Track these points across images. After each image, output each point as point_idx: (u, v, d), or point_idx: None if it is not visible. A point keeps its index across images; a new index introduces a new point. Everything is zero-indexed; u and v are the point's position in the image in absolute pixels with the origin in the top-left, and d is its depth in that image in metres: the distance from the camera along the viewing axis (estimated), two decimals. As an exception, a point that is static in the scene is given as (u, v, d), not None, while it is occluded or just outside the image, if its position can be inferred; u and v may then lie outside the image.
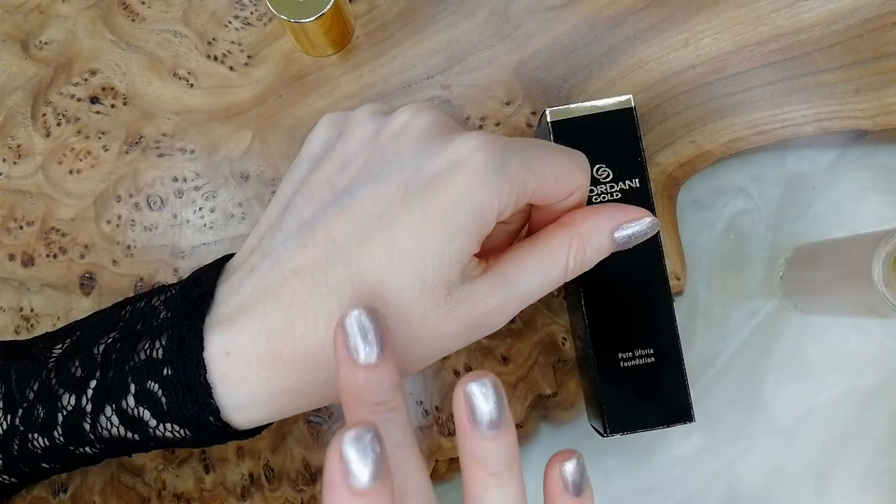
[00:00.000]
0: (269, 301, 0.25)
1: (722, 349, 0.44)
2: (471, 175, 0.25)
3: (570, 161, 0.27)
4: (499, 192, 0.25)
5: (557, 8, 0.42)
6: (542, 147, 0.27)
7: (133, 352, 0.27)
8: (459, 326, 0.26)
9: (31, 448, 0.28)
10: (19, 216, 0.42)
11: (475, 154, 0.25)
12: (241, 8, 0.43)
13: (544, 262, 0.27)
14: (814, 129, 0.41)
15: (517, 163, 0.25)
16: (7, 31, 0.43)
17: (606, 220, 0.28)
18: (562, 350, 0.41)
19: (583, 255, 0.28)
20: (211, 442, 0.28)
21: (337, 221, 0.25)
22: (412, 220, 0.24)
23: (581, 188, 0.28)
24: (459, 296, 0.25)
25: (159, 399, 0.26)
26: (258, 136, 0.42)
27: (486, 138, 0.25)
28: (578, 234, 0.28)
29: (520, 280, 0.27)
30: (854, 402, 0.43)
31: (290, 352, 0.25)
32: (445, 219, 0.24)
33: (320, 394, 0.26)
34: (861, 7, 0.41)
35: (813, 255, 0.41)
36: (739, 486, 0.43)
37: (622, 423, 0.36)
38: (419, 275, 0.25)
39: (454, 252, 0.25)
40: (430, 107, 0.27)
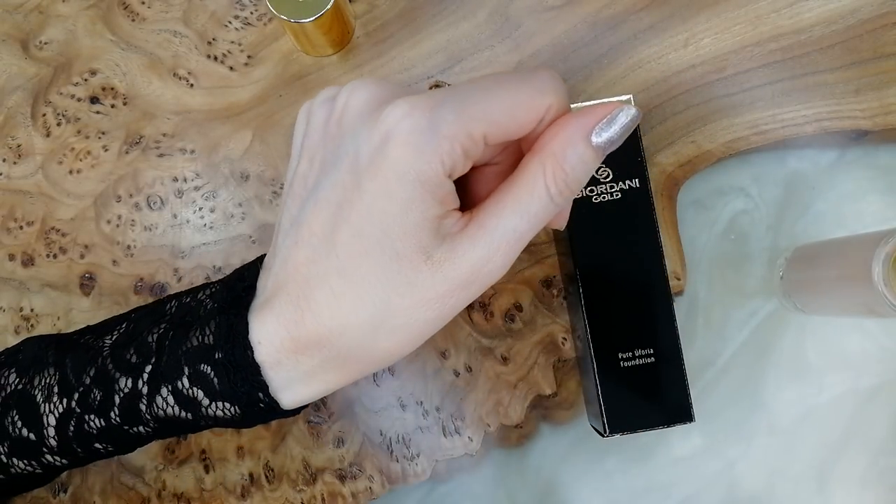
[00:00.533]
0: (281, 295, 0.27)
1: (722, 349, 0.44)
2: (401, 145, 0.24)
3: (524, 89, 0.26)
4: (437, 153, 0.24)
5: (557, 8, 0.42)
6: (488, 84, 0.26)
7: (185, 339, 0.29)
8: (451, 284, 0.26)
9: (87, 429, 0.30)
10: (19, 216, 0.42)
11: (401, 122, 0.24)
12: (241, 8, 0.43)
13: (521, 196, 0.26)
14: (814, 129, 0.41)
15: (451, 117, 0.24)
16: (7, 31, 0.43)
17: (575, 129, 0.26)
18: (562, 350, 0.41)
19: (563, 174, 0.26)
20: (259, 420, 0.29)
21: (313, 216, 0.27)
22: (364, 204, 0.25)
23: (551, 109, 0.26)
24: (441, 256, 0.26)
25: (212, 380, 0.28)
26: (258, 136, 0.42)
27: (413, 102, 0.25)
28: (550, 154, 0.26)
29: (500, 224, 0.26)
30: (854, 402, 0.43)
31: (306, 337, 0.27)
32: (393, 194, 0.25)
33: (349, 367, 0.28)
34: (861, 7, 0.41)
35: (813, 256, 0.41)
36: (739, 487, 0.43)
37: (622, 423, 0.36)
38: (390, 250, 0.25)
39: (414, 221, 0.25)
40: (368, 80, 0.27)
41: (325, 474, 0.41)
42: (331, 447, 0.41)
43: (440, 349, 0.41)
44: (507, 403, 0.41)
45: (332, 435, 0.41)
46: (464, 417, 0.41)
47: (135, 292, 0.41)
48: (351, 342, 0.27)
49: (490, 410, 0.41)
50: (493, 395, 0.41)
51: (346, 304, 0.26)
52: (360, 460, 0.41)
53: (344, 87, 0.27)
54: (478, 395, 0.41)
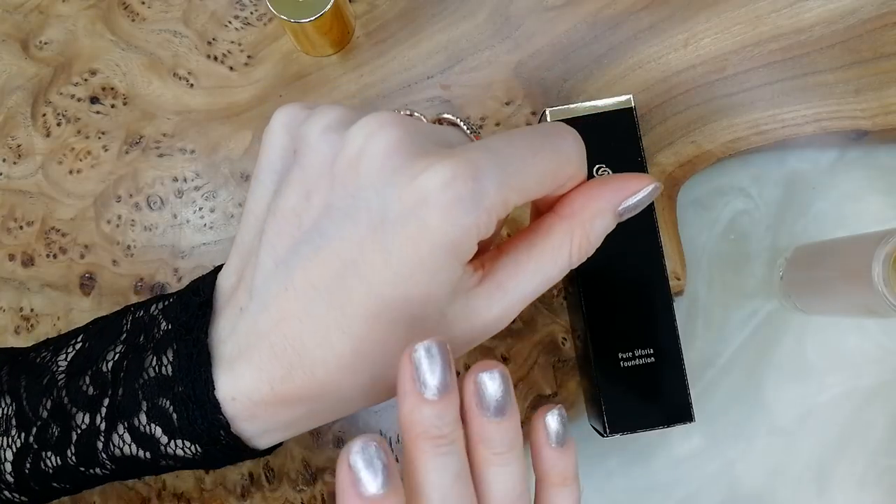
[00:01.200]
0: (264, 348, 0.25)
1: (722, 349, 0.44)
2: (442, 215, 0.23)
3: (556, 158, 0.25)
4: (475, 224, 0.23)
5: (557, 8, 0.42)
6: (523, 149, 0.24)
7: (141, 368, 0.27)
8: (458, 342, 0.25)
9: (44, 467, 0.28)
10: (19, 216, 0.42)
11: (445, 192, 0.22)
12: (241, 8, 0.43)
13: (544, 261, 0.26)
14: (814, 129, 0.41)
15: (493, 188, 0.23)
16: (7, 31, 0.43)
17: (607, 202, 0.26)
18: (562, 350, 0.41)
19: (587, 244, 0.26)
20: (222, 460, 0.28)
21: (311, 265, 0.24)
22: (388, 267, 0.23)
23: (573, 178, 0.26)
24: (455, 314, 0.25)
25: (171, 415, 0.26)
26: (258, 136, 0.42)
27: (455, 169, 0.23)
28: (580, 224, 0.26)
29: (519, 286, 0.25)
30: (854, 402, 0.43)
31: (293, 394, 0.25)
32: (424, 260, 0.23)
33: (331, 413, 0.27)
34: (861, 7, 0.41)
35: (813, 256, 0.41)
36: (739, 486, 0.43)
37: (622, 423, 0.36)
38: (407, 314, 0.24)
39: (439, 283, 0.24)
40: (389, 121, 0.24)
41: (325, 474, 0.40)
42: (331, 447, 0.41)
43: (440, 349, 0.41)
44: (507, 403, 0.41)
45: (332, 435, 0.41)
46: (464, 417, 0.41)
47: (135, 292, 0.41)
48: (343, 398, 0.25)
49: (490, 410, 0.41)
50: (493, 395, 0.41)
51: (347, 363, 0.24)
52: (360, 460, 0.41)
53: (358, 125, 0.24)
54: (478, 395, 0.41)
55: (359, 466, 0.22)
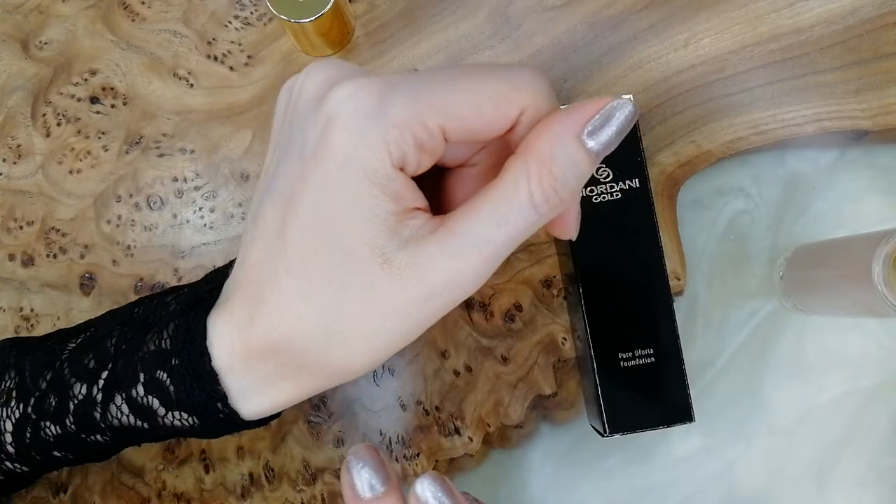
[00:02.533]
0: (236, 295, 0.26)
1: (722, 349, 0.44)
2: (342, 129, 0.22)
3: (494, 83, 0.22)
4: (382, 141, 0.22)
5: (557, 8, 0.42)
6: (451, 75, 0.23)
7: (142, 343, 0.27)
8: (412, 294, 0.23)
9: (44, 436, 0.29)
10: (19, 216, 0.42)
11: (344, 104, 0.22)
12: (241, 8, 0.43)
13: (500, 202, 0.23)
14: (814, 129, 0.41)
15: (402, 102, 0.22)
16: (7, 31, 0.43)
17: (564, 126, 0.22)
18: (562, 350, 0.41)
19: (550, 179, 0.22)
20: (220, 430, 0.28)
21: (267, 210, 0.25)
22: (310, 194, 0.23)
23: (528, 111, 0.23)
24: (402, 261, 0.23)
25: (167, 388, 0.26)
26: (258, 136, 0.42)
27: (361, 83, 0.22)
28: (534, 156, 0.22)
29: (473, 230, 0.23)
30: (854, 402, 0.43)
31: (257, 340, 0.25)
32: (336, 184, 0.22)
33: (304, 378, 0.26)
34: (861, 7, 0.41)
35: (813, 255, 0.41)
36: (739, 486, 0.43)
37: (622, 423, 0.36)
38: (339, 248, 0.23)
39: (363, 217, 0.22)
40: (327, 61, 0.24)
41: (325, 474, 0.41)
42: (331, 447, 0.41)
43: (440, 349, 0.41)
44: (507, 403, 0.41)
45: (332, 435, 0.41)
46: (464, 417, 0.41)
47: (135, 292, 0.41)
48: (302, 349, 0.25)
49: (490, 410, 0.41)
50: (493, 395, 0.41)
51: (295, 306, 0.24)
52: (360, 460, 0.41)
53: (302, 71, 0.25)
54: (478, 395, 0.41)
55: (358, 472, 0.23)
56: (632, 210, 0.37)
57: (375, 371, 0.41)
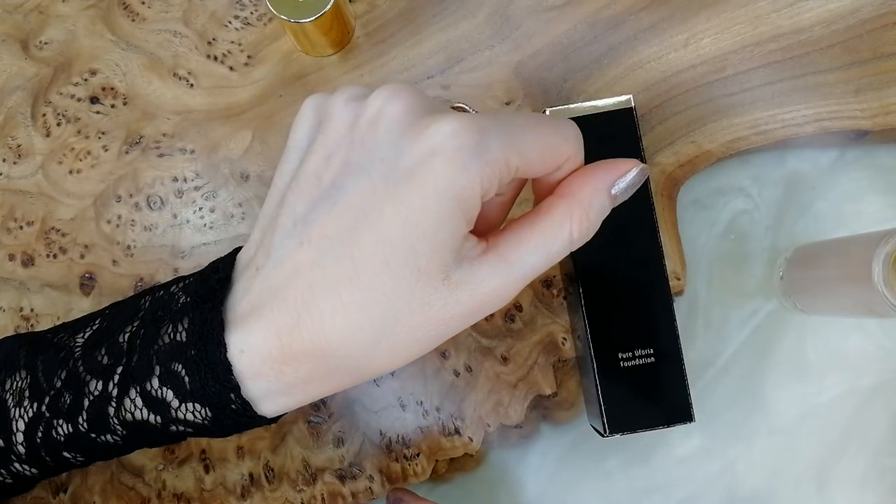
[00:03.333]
0: (276, 300, 0.26)
1: (722, 349, 0.44)
2: (447, 162, 0.24)
3: (554, 135, 0.27)
4: (479, 175, 0.25)
5: (557, 8, 0.42)
6: (525, 122, 0.26)
7: (157, 336, 0.28)
8: (461, 309, 0.26)
9: (55, 435, 0.29)
10: (19, 216, 0.42)
11: (451, 140, 0.24)
12: (241, 8, 0.43)
13: (546, 237, 0.27)
14: (814, 129, 0.41)
15: (496, 144, 0.25)
16: (7, 31, 0.43)
17: (601, 181, 0.28)
18: (562, 350, 0.41)
19: (587, 222, 0.27)
20: (232, 425, 0.28)
21: (328, 218, 0.26)
22: (397, 214, 0.25)
23: (571, 159, 0.27)
24: (458, 279, 0.26)
25: (182, 378, 0.27)
26: (258, 136, 0.42)
27: (462, 121, 0.25)
28: (578, 202, 0.27)
29: (521, 259, 0.26)
30: (854, 402, 0.43)
31: (299, 347, 0.26)
32: (429, 208, 0.24)
33: (334, 380, 0.27)
34: (861, 7, 0.41)
35: (813, 255, 0.41)
36: (739, 487, 0.43)
37: (622, 423, 0.36)
38: (412, 264, 0.25)
39: (444, 238, 0.25)
40: (405, 87, 0.27)
41: (325, 474, 0.41)
42: (331, 447, 0.41)
43: (440, 349, 0.41)
44: (507, 403, 0.41)
45: (332, 435, 0.41)
46: (464, 417, 0.41)
47: (135, 292, 0.41)
48: (347, 356, 0.26)
49: (490, 410, 0.41)
50: (493, 395, 0.41)
51: (353, 315, 0.25)
52: (360, 460, 0.41)
53: (377, 91, 0.27)
54: (478, 395, 0.41)
55: None
56: (632, 210, 0.37)
57: (375, 371, 0.41)
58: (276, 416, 0.29)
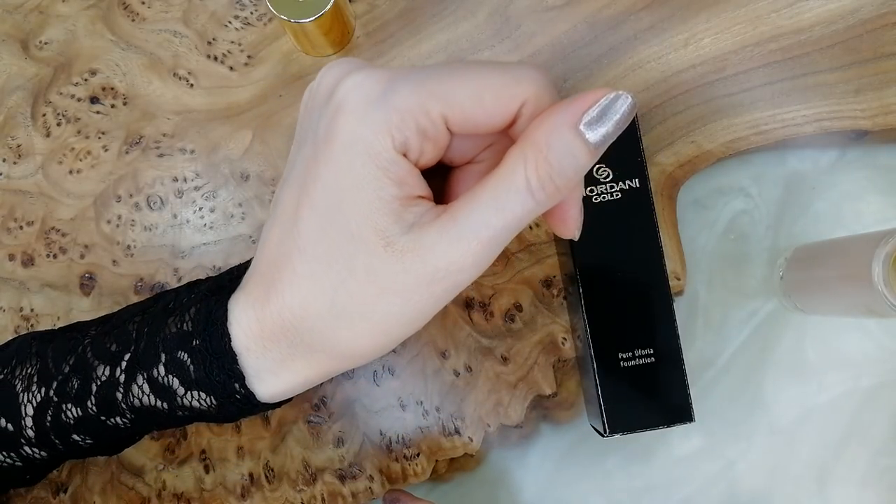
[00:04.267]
0: (255, 276, 0.27)
1: (722, 349, 0.44)
2: (348, 114, 0.23)
3: (499, 76, 0.23)
4: (385, 124, 0.23)
5: (557, 8, 0.42)
6: (455, 68, 0.24)
7: (164, 325, 0.29)
8: (414, 278, 0.24)
9: (64, 419, 0.30)
10: (19, 216, 0.42)
11: (352, 92, 0.24)
12: (241, 8, 0.43)
13: (498, 188, 0.23)
14: (814, 129, 0.41)
15: (406, 91, 0.23)
16: (7, 31, 0.43)
17: (560, 115, 0.23)
18: (562, 350, 0.41)
19: (546, 166, 0.23)
20: (236, 412, 0.29)
21: (285, 196, 0.26)
22: (320, 178, 0.24)
23: (528, 103, 0.24)
24: (403, 246, 0.24)
25: (188, 367, 0.28)
26: (258, 136, 0.42)
27: (368, 73, 0.24)
28: (532, 144, 0.23)
29: (473, 217, 0.23)
30: (854, 402, 0.43)
31: (271, 320, 0.26)
32: (343, 167, 0.24)
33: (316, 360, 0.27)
34: (861, 7, 0.41)
35: (813, 256, 0.41)
36: (739, 486, 0.43)
37: (622, 423, 0.36)
38: (345, 228, 0.24)
39: (367, 200, 0.24)
40: (344, 59, 0.26)
41: (325, 474, 0.41)
42: (331, 447, 0.41)
43: (440, 349, 0.41)
44: (507, 403, 0.41)
45: (332, 435, 0.41)
46: (464, 417, 0.41)
47: (135, 292, 0.41)
48: (311, 328, 0.26)
49: (490, 410, 0.41)
50: (493, 395, 0.41)
51: (306, 285, 0.25)
52: (360, 460, 0.41)
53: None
54: (478, 395, 0.41)
55: None
56: (632, 210, 0.37)
57: (375, 371, 0.41)
58: (277, 403, 0.29)
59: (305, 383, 0.28)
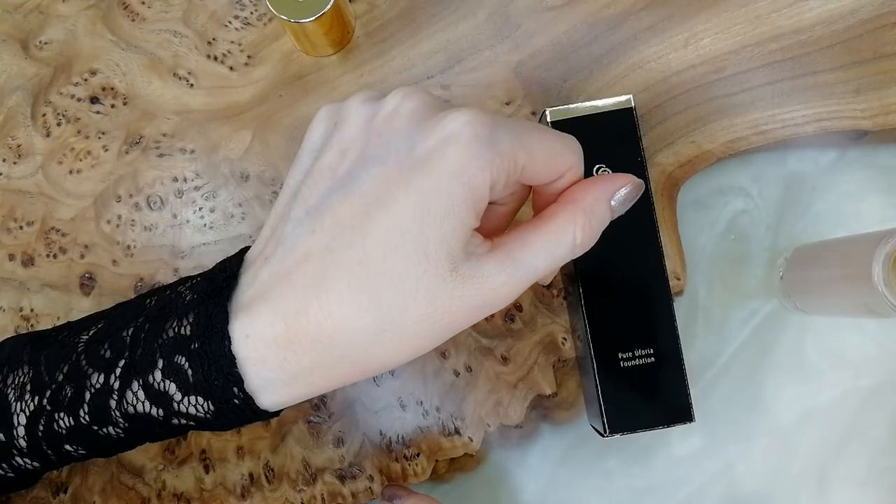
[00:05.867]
0: (284, 285, 0.26)
1: (722, 349, 0.44)
2: (461, 148, 0.25)
3: (559, 142, 0.28)
4: (489, 164, 0.25)
5: (557, 8, 0.42)
6: (532, 126, 0.28)
7: (161, 330, 0.28)
8: (466, 304, 0.26)
9: (56, 428, 0.29)
10: (19, 216, 0.42)
11: (465, 128, 0.25)
12: (241, 8, 0.43)
13: (551, 240, 0.28)
14: (814, 129, 0.41)
15: (507, 138, 0.26)
16: (7, 31, 0.43)
17: (603, 191, 0.29)
18: (562, 350, 0.41)
19: (590, 228, 0.28)
20: (233, 420, 0.28)
21: (341, 206, 0.26)
22: (409, 198, 0.25)
23: (572, 170, 0.29)
24: (465, 272, 0.26)
25: (186, 371, 0.27)
26: (258, 136, 0.42)
27: (476, 113, 0.26)
28: (582, 209, 0.28)
29: (527, 259, 0.27)
30: (854, 402, 0.43)
31: (305, 331, 0.26)
32: (440, 193, 0.25)
33: (337, 371, 0.27)
34: (861, 7, 0.41)
35: (813, 256, 0.41)
36: (739, 486, 0.43)
37: (622, 423, 0.36)
38: (422, 250, 0.25)
39: (453, 226, 0.25)
40: (419, 88, 0.28)
41: (325, 474, 0.41)
42: (331, 447, 0.41)
43: (440, 349, 0.41)
44: (507, 403, 0.41)
45: (332, 435, 0.41)
46: (464, 417, 0.41)
47: (135, 292, 0.41)
48: (351, 342, 0.26)
49: (490, 410, 0.41)
50: (493, 395, 0.41)
51: (362, 300, 0.25)
52: (360, 460, 0.41)
53: (393, 92, 0.28)
54: (478, 395, 0.41)
55: None
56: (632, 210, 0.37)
57: (375, 371, 0.41)
58: (277, 412, 0.29)
59: (315, 393, 0.28)
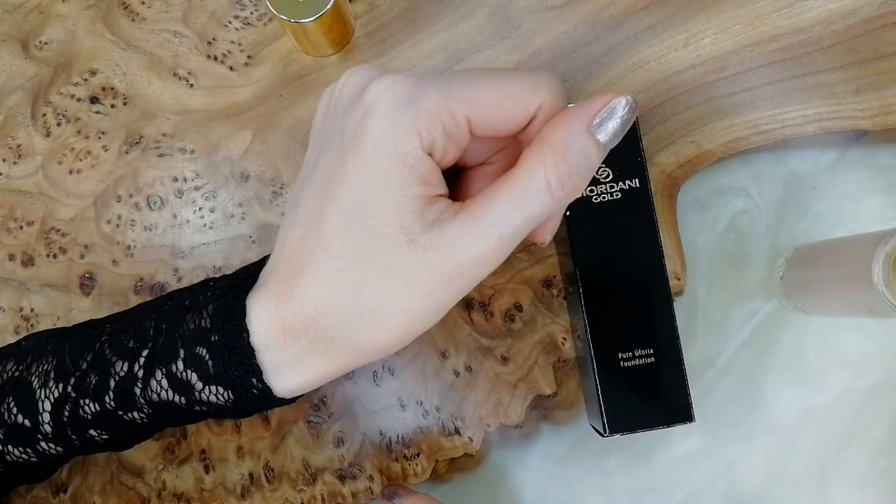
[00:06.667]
0: (275, 273, 0.28)
1: (722, 349, 0.44)
2: (380, 116, 0.25)
3: (516, 83, 0.25)
4: (414, 125, 0.24)
5: (557, 8, 0.42)
6: (484, 73, 0.25)
7: (182, 321, 0.29)
8: (436, 274, 0.25)
9: (82, 414, 0.30)
10: (19, 216, 0.42)
11: (382, 97, 0.25)
12: (241, 8, 0.43)
13: (519, 188, 0.25)
14: (814, 129, 0.41)
15: (433, 94, 0.24)
16: (7, 31, 0.43)
17: (575, 119, 0.25)
18: (562, 350, 0.41)
19: (565, 166, 0.25)
20: (252, 407, 0.29)
21: (307, 195, 0.27)
22: (347, 177, 0.25)
23: (544, 107, 0.25)
24: (426, 242, 0.25)
25: (206, 363, 0.28)
26: (258, 136, 0.42)
27: (396, 78, 0.25)
28: (550, 145, 0.25)
29: (494, 214, 0.25)
30: (854, 402, 0.43)
31: (293, 316, 0.27)
32: (372, 167, 0.25)
33: (335, 355, 0.27)
34: (861, 7, 0.41)
35: (813, 256, 0.41)
36: (739, 486, 0.43)
37: (622, 423, 0.36)
38: (370, 227, 0.25)
39: (394, 198, 0.25)
40: (364, 65, 0.28)
41: (325, 474, 0.41)
42: (331, 447, 0.41)
43: (440, 349, 0.41)
44: (507, 403, 0.41)
45: (332, 435, 0.41)
46: (464, 417, 0.41)
47: (135, 292, 0.41)
48: (334, 324, 0.26)
49: (490, 410, 0.41)
50: (493, 395, 0.41)
51: (330, 282, 0.26)
52: (360, 460, 0.41)
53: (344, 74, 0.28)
54: (478, 395, 0.41)
55: None
56: (632, 210, 0.37)
57: (375, 371, 0.41)
58: (293, 399, 0.30)
59: (323, 378, 0.28)
